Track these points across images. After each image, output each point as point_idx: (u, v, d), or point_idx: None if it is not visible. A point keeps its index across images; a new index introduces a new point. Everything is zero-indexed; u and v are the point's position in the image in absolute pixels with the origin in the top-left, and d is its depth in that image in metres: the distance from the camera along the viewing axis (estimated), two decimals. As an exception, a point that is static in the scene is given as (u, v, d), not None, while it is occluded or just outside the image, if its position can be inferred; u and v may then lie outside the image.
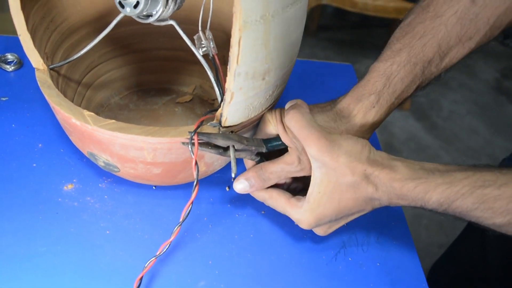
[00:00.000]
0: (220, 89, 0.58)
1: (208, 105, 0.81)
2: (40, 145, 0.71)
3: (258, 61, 0.49)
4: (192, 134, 0.51)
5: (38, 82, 0.60)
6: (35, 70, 0.61)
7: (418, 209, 0.53)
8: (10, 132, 0.72)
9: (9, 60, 0.84)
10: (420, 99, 2.52)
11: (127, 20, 0.63)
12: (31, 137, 0.72)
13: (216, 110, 0.54)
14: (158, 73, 0.83)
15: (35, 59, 0.60)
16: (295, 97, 0.85)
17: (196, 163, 0.52)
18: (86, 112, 0.55)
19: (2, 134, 0.71)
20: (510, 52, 2.93)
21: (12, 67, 0.82)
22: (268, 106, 0.59)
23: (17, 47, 0.84)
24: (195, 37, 0.59)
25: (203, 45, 0.60)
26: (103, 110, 0.77)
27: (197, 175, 0.52)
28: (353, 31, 2.93)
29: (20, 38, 0.59)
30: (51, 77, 0.62)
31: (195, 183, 0.52)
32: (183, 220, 0.53)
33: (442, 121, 2.40)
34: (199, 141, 0.53)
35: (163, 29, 0.68)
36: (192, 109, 0.79)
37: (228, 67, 0.48)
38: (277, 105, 0.62)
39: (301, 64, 0.93)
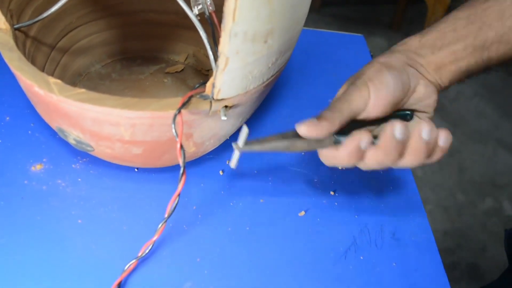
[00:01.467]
0: (216, 55, 0.49)
1: (202, 76, 0.71)
2: (7, 118, 0.62)
3: (260, 19, 0.40)
4: (177, 112, 0.42)
5: (-2, 43, 0.50)
6: (-4, 29, 0.52)
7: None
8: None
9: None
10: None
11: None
12: (-2, 110, 0.63)
13: (203, 83, 0.45)
14: (145, 39, 0.73)
15: (-5, 15, 0.51)
16: (300, 70, 0.76)
17: (181, 147, 0.42)
18: (52, 79, 0.45)
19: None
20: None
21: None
22: (270, 77, 0.49)
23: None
24: None
25: (198, 2, 0.51)
26: (81, 79, 0.67)
27: (183, 161, 0.43)
28: (359, 7, 2.81)
29: (-25, -11, 0.50)
30: (16, 38, 0.53)
31: (181, 171, 0.43)
32: (169, 216, 0.44)
33: (448, 102, 2.30)
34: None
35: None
36: (183, 81, 0.70)
37: (222, 25, 0.39)
38: (280, 77, 0.53)
39: (307, 34, 0.83)
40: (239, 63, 0.42)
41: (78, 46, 0.67)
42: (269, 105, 0.69)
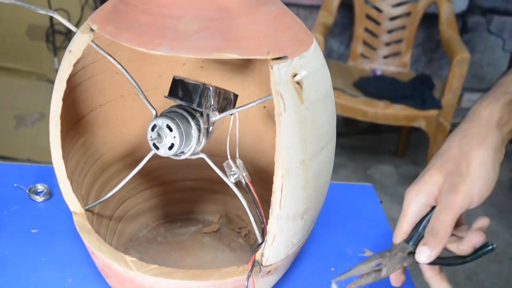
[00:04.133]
0: (261, 218, 0.58)
1: (235, 234, 0.81)
2: (69, 280, 0.69)
3: (298, 203, 0.50)
4: (249, 273, 0.52)
5: (77, 227, 0.60)
6: (73, 213, 0.62)
7: None
8: (40, 266, 0.70)
9: (39, 191, 0.84)
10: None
11: (155, 154, 0.62)
12: (61, 272, 0.70)
13: (259, 246, 0.54)
14: (183, 204, 0.84)
15: (73, 204, 0.62)
16: (319, 222, 0.85)
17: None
18: (128, 258, 0.55)
19: (32, 269, 0.70)
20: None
21: (42, 198, 0.82)
22: (304, 240, 0.59)
23: (46, 176, 0.86)
24: (224, 164, 0.60)
25: (233, 173, 0.60)
26: (132, 244, 0.77)
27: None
28: (364, 137, 2.97)
29: (60, 184, 0.61)
30: (87, 219, 0.63)
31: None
32: None
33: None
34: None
35: (189, 161, 0.69)
36: (220, 239, 0.79)
37: (270, 211, 0.49)
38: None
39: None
40: (283, 237, 0.52)
41: (128, 215, 0.78)
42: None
